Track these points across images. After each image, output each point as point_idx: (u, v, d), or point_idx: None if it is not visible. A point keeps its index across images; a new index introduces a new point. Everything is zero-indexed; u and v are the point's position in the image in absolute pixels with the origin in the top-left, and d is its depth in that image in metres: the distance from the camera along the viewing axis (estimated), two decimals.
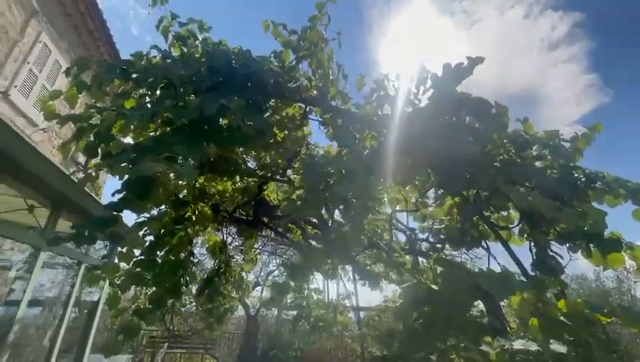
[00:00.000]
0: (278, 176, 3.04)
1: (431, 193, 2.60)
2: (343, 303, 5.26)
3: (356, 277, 4.50)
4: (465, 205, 2.05)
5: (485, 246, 2.20)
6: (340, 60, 2.28)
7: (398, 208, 2.95)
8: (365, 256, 2.83)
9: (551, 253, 1.75)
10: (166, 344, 6.32)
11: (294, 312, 8.83)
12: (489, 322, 1.53)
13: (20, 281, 3.43)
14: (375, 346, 4.73)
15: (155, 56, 2.09)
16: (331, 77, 2.25)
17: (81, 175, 1.79)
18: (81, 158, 6.40)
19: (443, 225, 2.63)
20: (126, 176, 1.90)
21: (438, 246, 2.70)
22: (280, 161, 2.83)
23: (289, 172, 3.10)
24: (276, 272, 8.36)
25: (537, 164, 1.76)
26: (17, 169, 2.05)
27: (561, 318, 1.40)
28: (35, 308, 3.83)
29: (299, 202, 2.02)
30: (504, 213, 2.17)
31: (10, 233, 2.31)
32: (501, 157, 1.84)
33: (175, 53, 2.15)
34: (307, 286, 7.01)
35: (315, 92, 2.35)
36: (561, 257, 1.73)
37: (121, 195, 1.86)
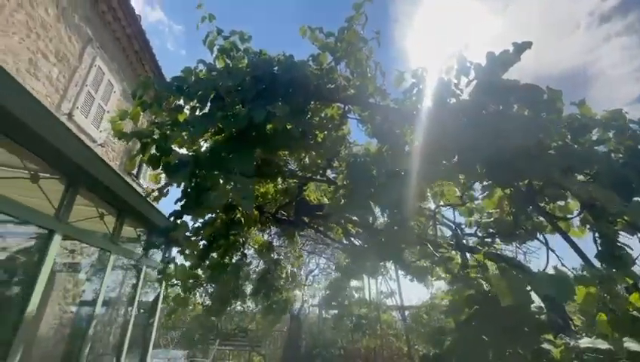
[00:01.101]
0: (318, 177, 3.10)
1: (477, 185, 2.52)
2: (384, 301, 5.23)
3: (399, 274, 4.45)
4: (517, 196, 1.97)
5: (541, 238, 2.09)
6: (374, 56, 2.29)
7: (441, 203, 2.89)
8: (412, 252, 2.81)
9: (619, 244, 1.64)
10: (217, 341, 6.68)
11: (335, 311, 8.92)
12: (549, 318, 1.47)
13: (91, 282, 3.83)
14: (422, 344, 4.65)
15: (202, 70, 2.24)
16: (369, 75, 2.27)
17: (153, 191, 1.97)
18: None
19: (492, 219, 2.53)
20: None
21: (488, 240, 2.61)
22: (319, 161, 2.90)
23: (328, 171, 3.15)
24: (316, 271, 8.48)
25: (599, 148, 1.65)
26: (91, 182, 2.32)
27: (635, 313, 1.32)
28: (103, 306, 4.26)
29: (343, 201, 2.06)
30: (561, 203, 2.06)
31: (87, 238, 2.61)
32: (556, 144, 1.75)
33: (219, 65, 2.29)
34: (348, 284, 7.07)
35: (353, 91, 2.38)
36: (631, 248, 1.61)
37: (182, 203, 2.04)
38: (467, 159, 1.70)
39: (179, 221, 1.94)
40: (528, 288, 1.19)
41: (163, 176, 2.63)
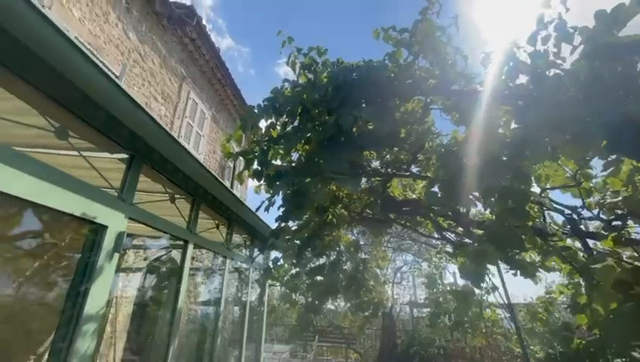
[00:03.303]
0: (402, 172, 3.08)
1: (594, 162, 2.20)
2: (485, 298, 4.83)
3: (501, 268, 4.09)
4: None
5: None
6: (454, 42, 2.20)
7: (548, 186, 2.59)
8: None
9: None
10: (317, 337, 7.07)
11: (427, 309, 8.57)
12: None
13: (212, 284, 4.48)
14: (539, 345, 4.16)
15: (287, 88, 2.47)
16: (449, 61, 2.19)
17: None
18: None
19: (620, 198, 2.17)
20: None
21: (617, 223, 2.24)
22: (403, 157, 2.88)
23: (412, 166, 3.10)
24: (404, 268, 8.30)
25: None
26: (209, 198, 2.78)
27: None
28: (225, 305, 4.95)
29: (439, 194, 2.02)
30: None
31: (209, 246, 3.10)
32: None
33: (302, 80, 2.49)
34: (441, 281, 6.75)
35: (433, 81, 2.32)
36: None
37: (284, 208, 2.27)
38: (583, 132, 1.52)
39: (285, 225, 2.17)
40: None
41: (260, 186, 2.98)
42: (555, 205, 2.64)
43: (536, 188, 2.72)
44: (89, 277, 1.59)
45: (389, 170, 3.09)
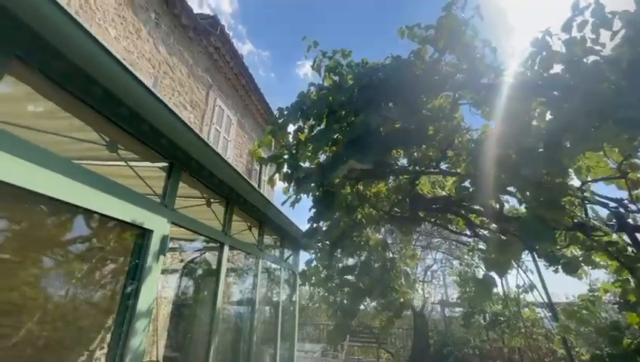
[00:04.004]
0: (431, 170, 3.04)
1: None
2: (523, 296, 4.64)
3: (539, 265, 3.91)
4: None
5: None
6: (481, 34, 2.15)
7: (589, 178, 2.47)
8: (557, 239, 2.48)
9: None
10: (347, 336, 7.09)
11: (460, 309, 8.33)
12: None
13: (246, 284, 4.63)
14: (584, 346, 3.93)
15: (312, 92, 2.52)
16: (477, 55, 2.15)
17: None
18: None
19: None
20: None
21: None
22: (431, 154, 2.85)
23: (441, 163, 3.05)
24: (435, 266, 8.13)
25: None
26: (242, 201, 2.90)
27: None
28: (259, 304, 5.11)
29: (472, 189, 1.99)
30: None
31: (243, 247, 3.22)
32: None
33: (327, 83, 2.53)
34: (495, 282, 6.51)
35: (461, 76, 2.28)
36: None
37: (315, 210, 2.32)
38: (629, 120, 1.45)
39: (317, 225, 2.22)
40: None
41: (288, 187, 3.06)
42: (598, 198, 2.51)
43: (576, 181, 2.60)
44: (139, 278, 1.72)
45: (417, 167, 3.07)
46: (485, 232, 3.36)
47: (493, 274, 1.64)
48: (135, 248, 1.83)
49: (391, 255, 4.32)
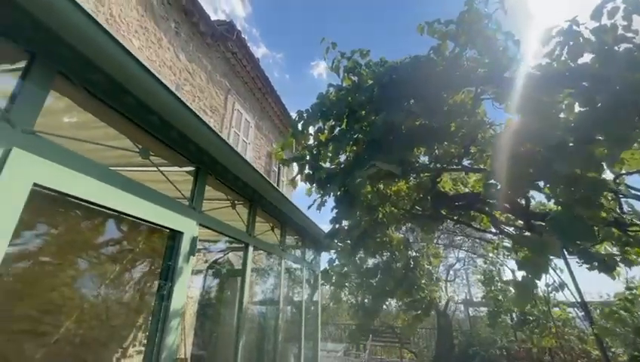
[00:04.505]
0: (453, 166, 3.00)
1: None
2: (553, 295, 4.47)
3: (571, 263, 3.76)
4: None
5: None
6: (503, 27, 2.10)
7: (623, 171, 2.36)
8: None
9: None
10: (370, 336, 7.06)
11: (484, 309, 8.10)
12: None
13: (269, 284, 4.71)
14: (618, 346, 3.74)
15: (332, 93, 2.54)
16: (500, 48, 2.10)
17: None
18: None
19: None
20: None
21: None
22: (453, 150, 2.80)
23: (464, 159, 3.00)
24: (457, 265, 7.96)
25: None
26: (264, 203, 2.96)
27: None
28: (283, 303, 5.19)
29: (499, 186, 1.95)
30: None
31: (266, 248, 3.29)
32: None
33: (345, 84, 2.54)
34: (499, 278, 6.36)
35: (483, 70, 2.24)
36: None
37: (337, 210, 2.34)
38: None
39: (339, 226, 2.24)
40: None
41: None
42: (633, 191, 2.40)
43: (609, 174, 2.50)
44: (172, 279, 1.79)
45: (439, 165, 3.03)
46: (511, 229, 3.28)
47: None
48: (167, 250, 1.91)
49: (413, 253, 4.28)
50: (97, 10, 4.12)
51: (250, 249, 2.74)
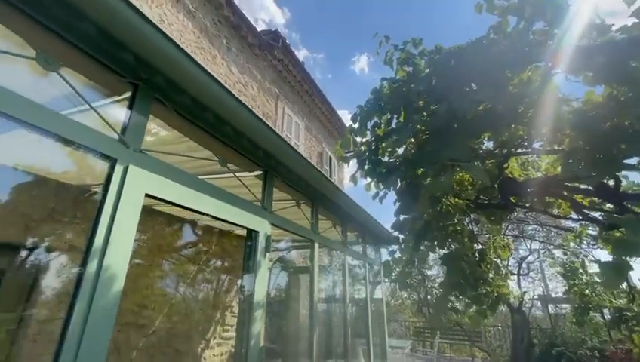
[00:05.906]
0: (521, 150, 2.80)
1: None
2: None
3: None
4: None
5: None
6: None
7: None
8: None
9: None
10: (438, 333, 6.83)
11: (565, 306, 7.31)
12: None
13: (331, 280, 4.84)
14: None
15: (385, 86, 2.54)
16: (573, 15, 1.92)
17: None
18: None
19: None
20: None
21: None
22: (522, 132, 2.61)
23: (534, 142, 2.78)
24: (530, 258, 7.30)
25: None
26: (325, 201, 3.08)
27: None
28: (348, 300, 5.30)
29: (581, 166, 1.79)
30: None
31: (330, 244, 3.41)
32: None
33: (399, 76, 2.52)
34: (584, 270, 5.69)
35: (552, 42, 2.06)
36: None
37: (400, 203, 2.34)
38: None
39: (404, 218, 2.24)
40: None
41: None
42: None
43: None
44: (254, 273, 1.97)
45: (505, 150, 2.85)
46: (596, 214, 2.96)
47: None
48: (246, 248, 2.10)
49: (479, 246, 4.05)
50: None
51: (316, 246, 2.87)
